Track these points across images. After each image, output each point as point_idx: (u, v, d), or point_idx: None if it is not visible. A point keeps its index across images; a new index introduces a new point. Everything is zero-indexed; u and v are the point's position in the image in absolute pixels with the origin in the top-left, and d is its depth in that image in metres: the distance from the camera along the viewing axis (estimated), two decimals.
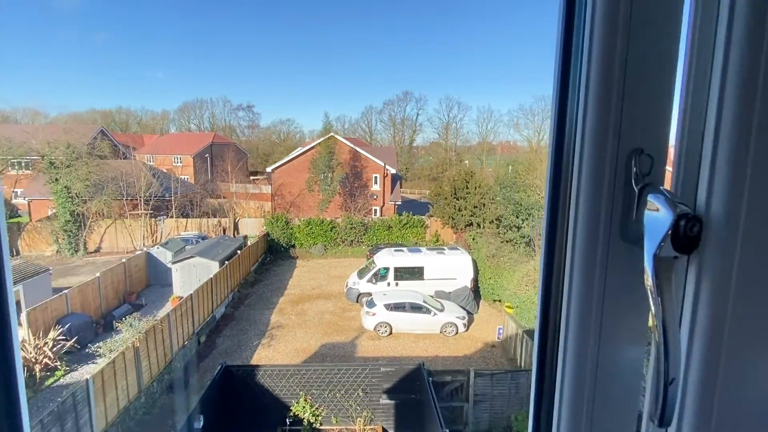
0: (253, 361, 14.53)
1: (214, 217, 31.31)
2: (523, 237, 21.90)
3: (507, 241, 22.23)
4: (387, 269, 20.19)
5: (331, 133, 32.20)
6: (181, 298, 16.74)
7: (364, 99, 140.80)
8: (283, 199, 35.02)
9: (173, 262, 19.87)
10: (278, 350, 15.51)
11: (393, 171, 35.91)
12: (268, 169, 35.49)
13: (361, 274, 21.06)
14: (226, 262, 19.69)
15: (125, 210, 28.59)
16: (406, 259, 20.47)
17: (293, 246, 29.29)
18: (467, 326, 17.65)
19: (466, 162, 72.36)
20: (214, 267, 19.30)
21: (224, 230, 30.59)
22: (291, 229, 29.24)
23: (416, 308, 17.20)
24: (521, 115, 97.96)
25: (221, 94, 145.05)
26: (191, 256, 19.71)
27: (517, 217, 22.36)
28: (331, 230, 29.46)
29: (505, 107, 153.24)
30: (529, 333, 14.69)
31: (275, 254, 28.34)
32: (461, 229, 28.66)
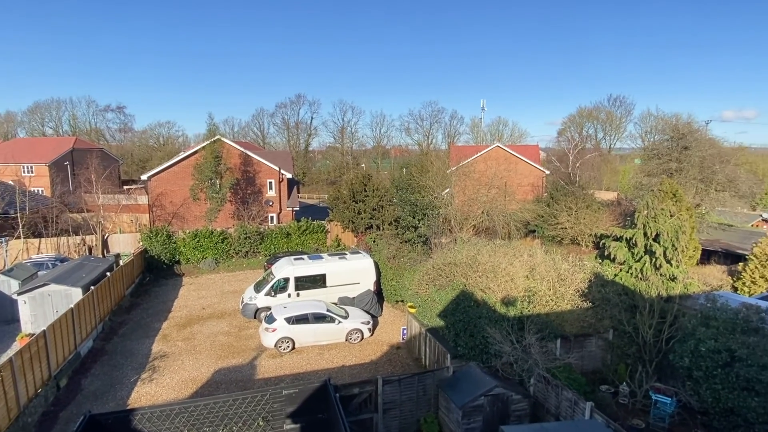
0: (131, 402, 12.48)
1: (77, 234, 26.80)
2: (420, 236, 22.49)
3: (406, 241, 22.62)
4: (287, 279, 19.10)
5: (218, 136, 29.71)
6: (32, 335, 13.83)
7: (254, 101, 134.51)
8: (164, 210, 31.42)
9: (19, 293, 16.38)
10: (162, 384, 13.55)
11: (289, 175, 34.48)
12: (144, 177, 31.55)
13: (258, 287, 19.64)
14: (92, 287, 16.80)
15: None
16: (306, 267, 19.58)
17: (178, 262, 26.39)
18: (372, 330, 17.46)
19: (363, 165, 73.33)
20: (76, 294, 16.36)
21: (90, 249, 26.36)
22: (174, 243, 26.29)
23: (320, 318, 16.48)
24: (411, 119, 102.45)
25: (84, 93, 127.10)
26: (44, 284, 16.42)
27: (414, 218, 22.89)
28: (222, 241, 27.17)
29: (396, 112, 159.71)
30: (432, 331, 14.94)
31: (156, 273, 25.22)
32: (362, 232, 28.54)
